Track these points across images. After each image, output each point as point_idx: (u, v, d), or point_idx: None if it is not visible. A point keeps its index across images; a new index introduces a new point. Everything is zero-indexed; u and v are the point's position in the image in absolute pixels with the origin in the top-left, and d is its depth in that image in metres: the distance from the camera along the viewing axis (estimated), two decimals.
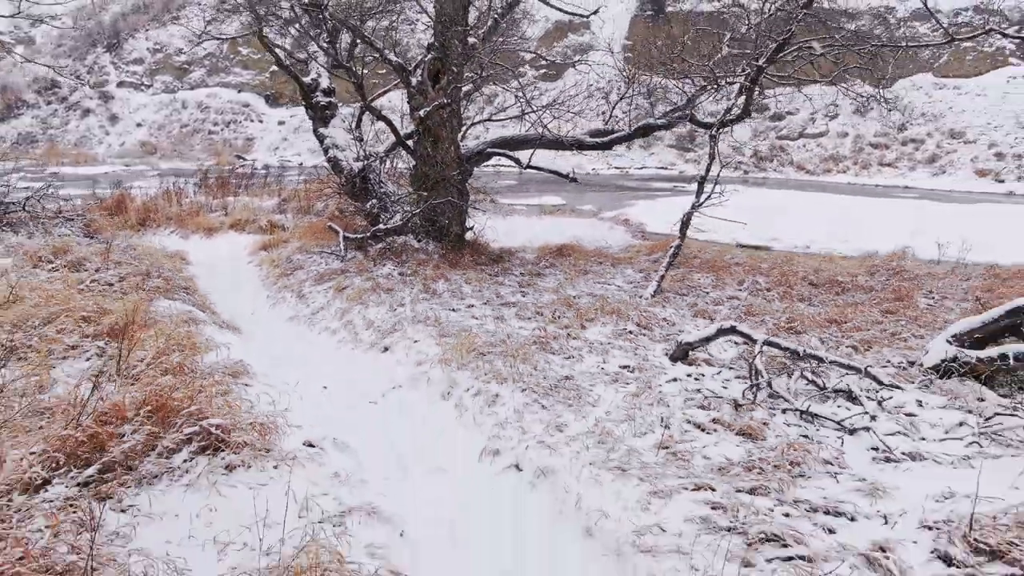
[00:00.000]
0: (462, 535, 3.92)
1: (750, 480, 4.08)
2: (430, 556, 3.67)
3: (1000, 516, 3.51)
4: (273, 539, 3.53)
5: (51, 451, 3.98)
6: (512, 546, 3.79)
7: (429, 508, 4.14)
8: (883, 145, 39.25)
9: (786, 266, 10.25)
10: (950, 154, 36.78)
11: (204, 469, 4.22)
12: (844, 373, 5.60)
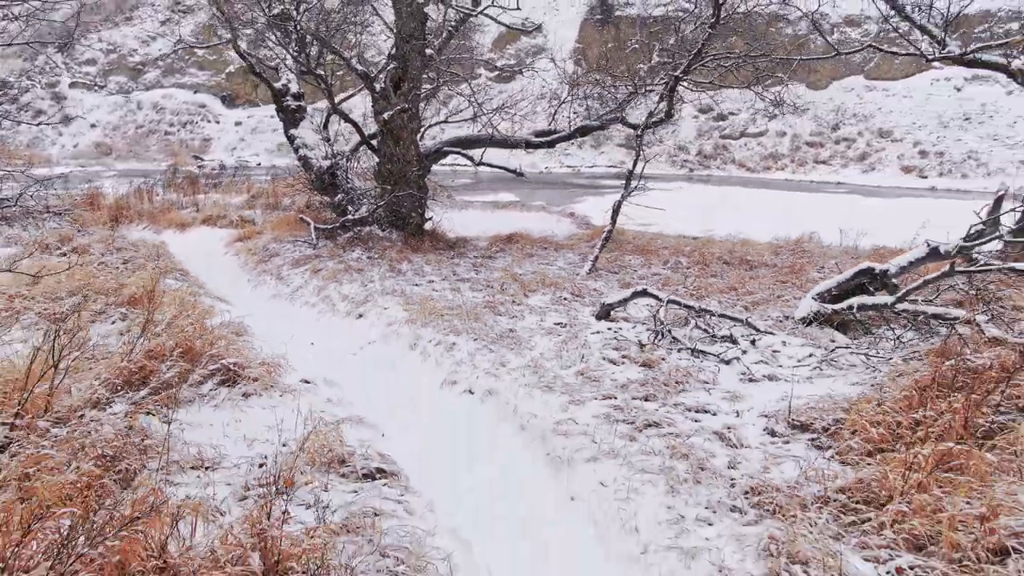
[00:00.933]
0: (430, 433, 5.24)
1: (643, 392, 5.49)
2: (404, 446, 4.96)
3: (809, 406, 4.97)
4: (287, 437, 4.79)
5: (112, 378, 5.19)
6: (467, 438, 5.12)
7: (403, 419, 5.44)
8: (818, 144, 41.58)
9: (706, 249, 11.76)
10: (879, 152, 39.21)
11: (226, 395, 5.47)
12: (731, 324, 7.05)
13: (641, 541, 3.75)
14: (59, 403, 4.79)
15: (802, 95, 44.24)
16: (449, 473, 4.66)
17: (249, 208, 17.47)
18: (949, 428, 4.07)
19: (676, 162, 43.37)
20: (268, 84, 12.80)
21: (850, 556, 3.30)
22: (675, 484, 4.13)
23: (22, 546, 2.80)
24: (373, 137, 12.45)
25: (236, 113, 47.81)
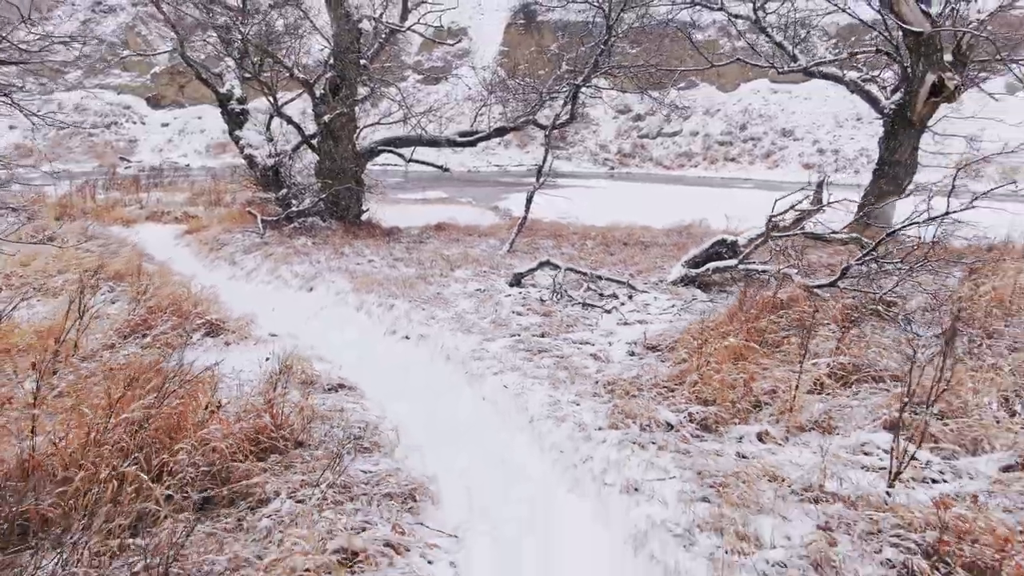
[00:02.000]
0: (377, 366, 6.79)
1: (540, 331, 7.17)
2: (358, 374, 6.49)
3: (659, 334, 6.73)
4: (266, 369, 6.26)
5: (121, 329, 6.56)
6: (405, 367, 6.71)
7: (355, 358, 6.97)
8: (728, 143, 44.51)
9: (610, 233, 13.59)
10: (782, 150, 42.33)
11: (212, 343, 6.91)
12: (616, 286, 8.81)
13: (529, 415, 5.41)
14: (84, 346, 6.15)
15: (712, 97, 47.21)
16: (393, 389, 6.22)
17: (192, 205, 18.51)
18: (748, 335, 5.88)
19: (598, 160, 45.66)
20: (214, 90, 14.03)
21: (662, 411, 5.03)
22: (556, 383, 5.81)
23: (113, 415, 4.23)
24: (313, 137, 13.83)
25: (162, 114, 47.78)
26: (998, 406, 4.62)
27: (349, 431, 5.01)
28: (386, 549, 3.66)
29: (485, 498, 4.42)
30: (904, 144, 11.11)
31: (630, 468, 4.40)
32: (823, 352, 5.58)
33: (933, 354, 4.91)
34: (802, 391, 4.99)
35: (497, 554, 3.87)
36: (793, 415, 4.76)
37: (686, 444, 4.62)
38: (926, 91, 10.39)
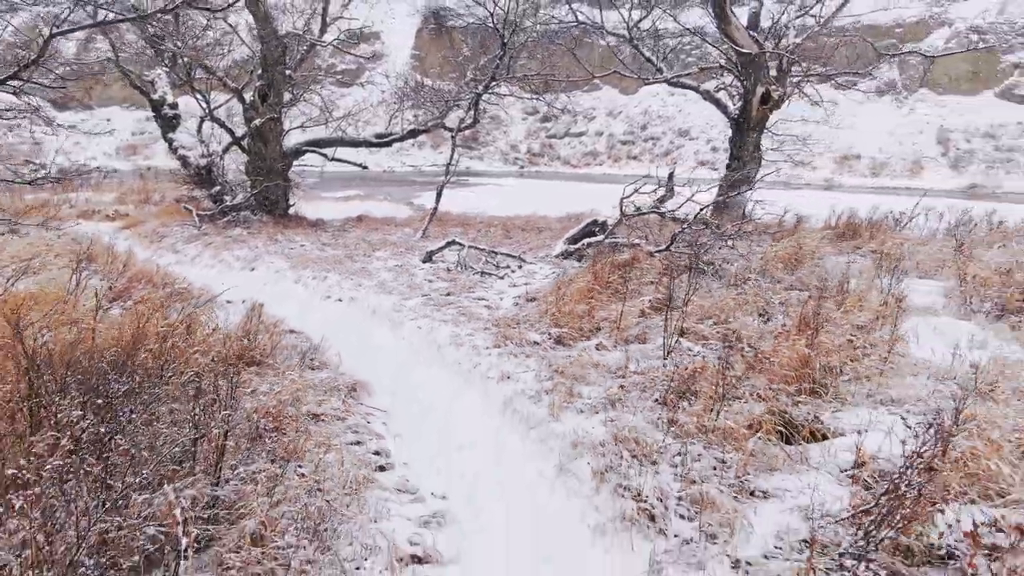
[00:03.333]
0: (318, 320, 8.56)
1: (446, 291, 9.12)
2: (300, 324, 8.25)
3: (538, 290, 8.78)
4: (231, 325, 7.95)
5: (106, 295, 8.13)
6: (339, 320, 8.52)
7: (298, 315, 8.72)
8: (630, 142, 47.58)
9: (511, 222, 15.64)
10: (680, 148, 45.64)
11: (183, 306, 8.54)
12: (510, 259, 10.81)
13: (437, 344, 7.34)
14: (80, 307, 7.71)
15: (615, 99, 50.19)
16: (332, 333, 8.00)
17: (122, 204, 19.57)
18: (597, 283, 7.97)
19: (508, 160, 47.95)
20: (147, 96, 15.34)
21: (531, 335, 7.05)
22: (458, 323, 7.76)
23: (137, 345, 5.90)
24: (243, 138, 15.33)
25: (68, 116, 47.19)
26: (755, 318, 6.84)
27: (304, 353, 6.83)
28: (338, 413, 5.53)
29: (405, 391, 6.34)
30: (747, 142, 13.55)
31: (505, 367, 6.39)
32: (647, 292, 7.73)
33: (697, 284, 7.11)
34: (629, 317, 7.09)
35: (414, 416, 5.79)
36: (621, 332, 6.85)
37: (545, 352, 6.65)
38: (757, 100, 12.82)
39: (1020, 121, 40.75)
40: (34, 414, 3.57)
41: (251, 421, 4.47)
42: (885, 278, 7.83)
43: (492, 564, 3.92)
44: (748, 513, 3.83)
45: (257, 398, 5.19)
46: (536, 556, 3.98)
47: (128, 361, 4.31)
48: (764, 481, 4.14)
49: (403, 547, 3.89)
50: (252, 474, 3.91)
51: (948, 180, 38.55)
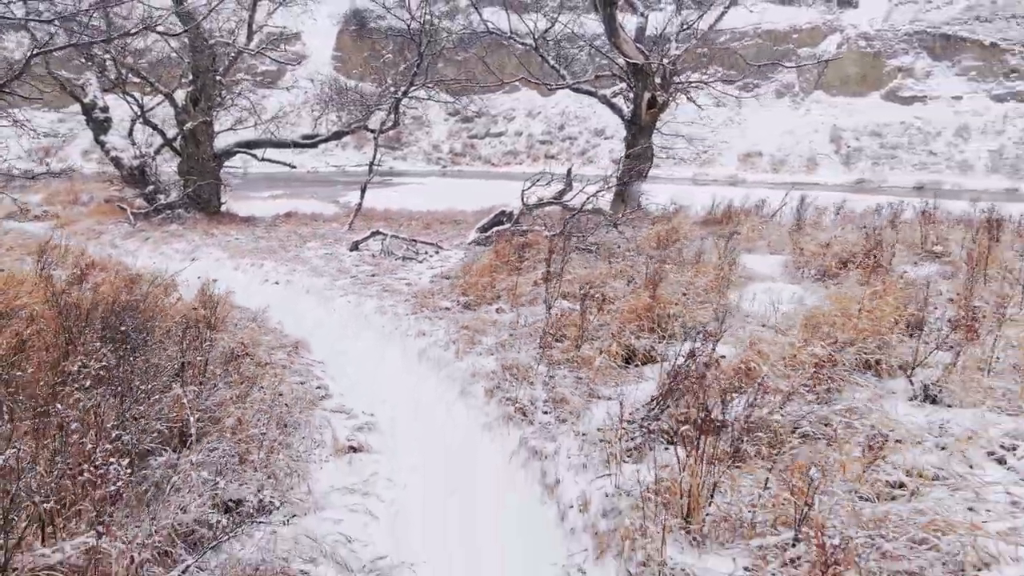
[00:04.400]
0: (256, 299, 9.78)
1: (372, 273, 10.46)
2: (243, 302, 9.46)
3: (452, 269, 10.22)
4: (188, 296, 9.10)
5: (73, 272, 9.17)
6: (277, 299, 9.76)
7: (240, 294, 9.91)
8: (548, 142, 49.52)
9: (430, 215, 17.01)
10: (596, 148, 47.84)
11: (144, 285, 9.62)
12: (430, 247, 12.21)
13: (364, 314, 8.69)
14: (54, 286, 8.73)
15: (534, 100, 52.06)
16: (272, 309, 9.26)
17: (50, 204, 20.03)
18: (500, 260, 9.46)
19: (431, 159, 49.22)
20: (79, 101, 16.06)
21: (441, 302, 8.48)
22: (382, 297, 9.13)
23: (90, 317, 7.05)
24: (174, 140, 16.22)
25: None
26: (623, 283, 8.45)
27: (253, 318, 8.09)
28: (285, 363, 6.84)
29: (339, 349, 7.69)
30: (639, 142, 15.27)
31: (421, 327, 7.81)
32: (540, 268, 9.26)
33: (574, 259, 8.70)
34: (524, 287, 8.60)
35: (347, 365, 7.16)
36: (516, 298, 8.34)
37: (454, 315, 8.09)
38: (645, 104, 14.55)
39: (903, 121, 44.40)
40: (67, 344, 4.79)
41: (225, 351, 5.77)
42: (737, 252, 9.59)
43: (409, 453, 5.34)
44: (591, 407, 5.36)
45: (224, 342, 6.48)
46: (442, 446, 5.42)
47: (127, 310, 5.54)
48: (608, 389, 5.68)
49: (343, 442, 5.27)
50: (228, 385, 5.23)
51: (840, 175, 41.74)
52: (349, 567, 3.78)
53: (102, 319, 5.16)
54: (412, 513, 4.50)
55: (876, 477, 3.97)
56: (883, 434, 4.31)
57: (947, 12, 47.18)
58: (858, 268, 8.71)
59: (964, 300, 6.74)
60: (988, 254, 8.80)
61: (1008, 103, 43.27)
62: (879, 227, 11.19)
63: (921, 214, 11.36)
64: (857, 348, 5.76)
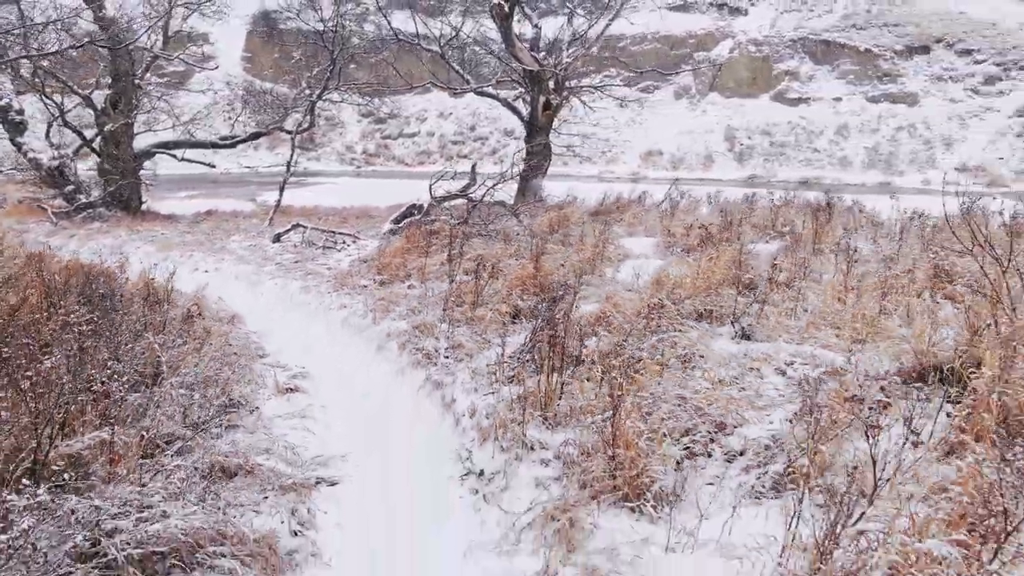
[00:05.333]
0: (187, 285, 10.75)
1: (295, 260, 11.57)
2: (176, 283, 10.41)
3: (370, 254, 11.45)
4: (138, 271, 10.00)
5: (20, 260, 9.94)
6: (208, 284, 10.75)
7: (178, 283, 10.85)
8: (460, 141, 50.89)
9: (347, 211, 18.10)
10: (505, 147, 49.38)
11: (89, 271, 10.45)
12: (348, 237, 13.36)
13: (291, 295, 9.83)
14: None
15: (445, 101, 53.32)
16: (206, 291, 10.26)
17: None
18: (411, 245, 10.75)
19: (345, 160, 49.79)
20: None
21: (360, 280, 9.71)
22: (306, 280, 10.28)
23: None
24: (93, 140, 16.76)
25: None
26: (515, 259, 9.86)
27: (192, 296, 9.12)
28: (224, 331, 7.95)
29: (270, 322, 8.82)
30: (538, 141, 16.79)
31: (342, 301, 9.03)
32: (446, 251, 10.60)
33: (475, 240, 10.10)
34: (431, 266, 9.92)
35: (278, 334, 8.32)
36: (425, 275, 9.65)
37: (371, 291, 9.33)
38: (541, 106, 16.08)
39: (790, 120, 47.79)
40: (49, 307, 5.82)
41: (181, 313, 6.88)
42: (617, 235, 11.18)
43: (336, 394, 6.59)
44: (483, 351, 6.73)
45: (176, 309, 7.56)
46: (363, 387, 6.71)
47: (98, 278, 6.58)
48: (497, 339, 7.04)
49: (282, 385, 6.48)
50: (184, 341, 6.36)
51: (734, 172, 44.62)
52: (294, 461, 5.02)
53: (79, 288, 6.20)
54: (340, 430, 5.76)
55: (688, 384, 5.47)
56: (698, 354, 5.87)
57: (827, 20, 51.02)
58: (713, 245, 10.42)
59: (789, 266, 8.47)
60: (818, 232, 10.69)
61: (882, 104, 47.19)
62: (740, 212, 13.07)
63: (773, 202, 13.29)
64: (693, 301, 7.35)
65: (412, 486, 4.83)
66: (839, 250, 9.59)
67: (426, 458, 5.23)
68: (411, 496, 4.68)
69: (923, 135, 44.69)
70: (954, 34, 48.71)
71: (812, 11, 51.73)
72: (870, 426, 3.35)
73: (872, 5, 51.56)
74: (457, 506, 4.49)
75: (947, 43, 48.51)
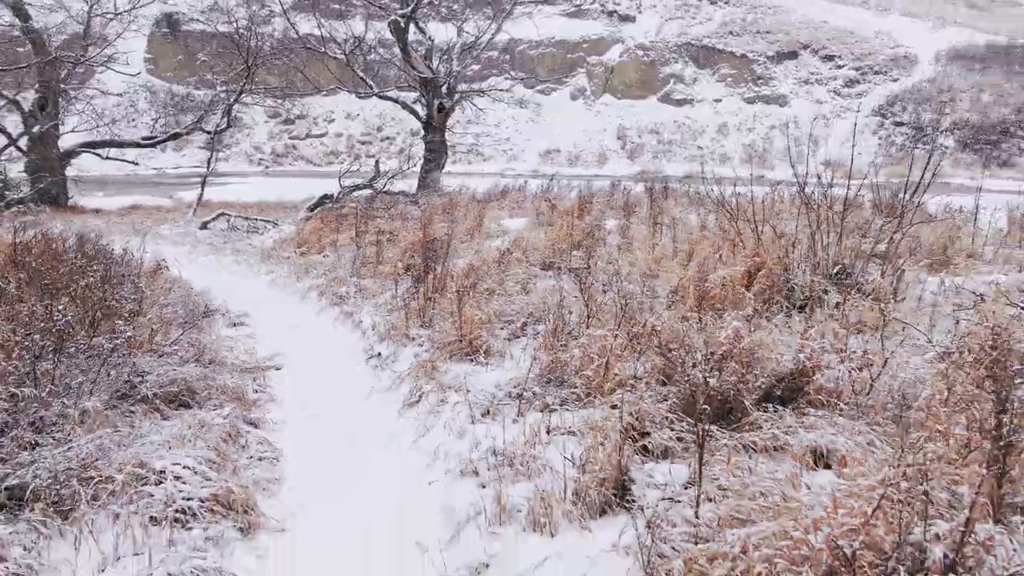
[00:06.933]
0: None
1: (223, 241, 13.56)
2: None
3: (289, 235, 13.56)
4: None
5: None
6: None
7: None
8: (368, 142, 52.61)
9: (264, 204, 19.98)
10: (413, 147, 51.37)
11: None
12: (269, 223, 15.37)
13: (224, 267, 11.88)
14: None
15: (352, 102, 54.86)
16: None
17: None
18: (325, 225, 12.93)
19: (253, 161, 50.74)
20: None
21: (283, 253, 11.85)
22: (236, 256, 12.33)
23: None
24: (18, 139, 18.08)
25: None
26: (412, 233, 12.22)
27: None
28: (183, 283, 9.98)
29: (212, 285, 10.87)
30: (435, 139, 19.13)
31: (270, 268, 11.16)
32: (353, 229, 12.85)
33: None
34: (342, 241, 12.14)
35: (218, 292, 10.40)
36: (337, 248, 11.87)
37: (293, 260, 11.49)
38: (435, 109, 18.44)
39: (676, 120, 51.76)
40: (53, 260, 7.80)
41: (149, 268, 8.92)
42: (498, 216, 13.67)
43: (273, 326, 8.76)
44: (383, 294, 9.05)
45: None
46: (293, 321, 8.92)
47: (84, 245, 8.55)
48: (393, 286, 9.39)
49: (231, 320, 8.62)
50: (152, 291, 8.44)
51: (626, 168, 48.07)
52: (250, 356, 7.23)
53: (77, 248, 8.19)
54: (278, 345, 7.98)
55: (521, 299, 7.93)
56: (532, 285, 8.39)
57: (707, 27, 55.40)
58: (568, 220, 13.06)
59: (620, 232, 11.14)
60: (657, 209, 13.48)
61: (757, 105, 51.75)
62: (602, 197, 15.83)
63: (626, 189, 16.11)
64: (541, 255, 9.90)
65: (333, 367, 7.14)
66: (665, 223, 12.39)
67: (342, 353, 7.55)
68: (332, 371, 7.00)
69: (793, 133, 49.33)
70: (818, 41, 53.84)
71: (694, 19, 56.03)
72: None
73: (747, 14, 56.28)
74: (363, 372, 6.85)
75: (813, 49, 53.57)
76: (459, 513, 4.01)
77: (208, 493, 4.16)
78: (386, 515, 4.25)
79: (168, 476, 4.22)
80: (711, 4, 56.68)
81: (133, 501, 3.97)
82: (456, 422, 5.06)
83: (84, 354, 5.47)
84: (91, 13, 18.64)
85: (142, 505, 3.95)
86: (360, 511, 4.33)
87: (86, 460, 4.21)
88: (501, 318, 7.04)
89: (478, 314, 6.71)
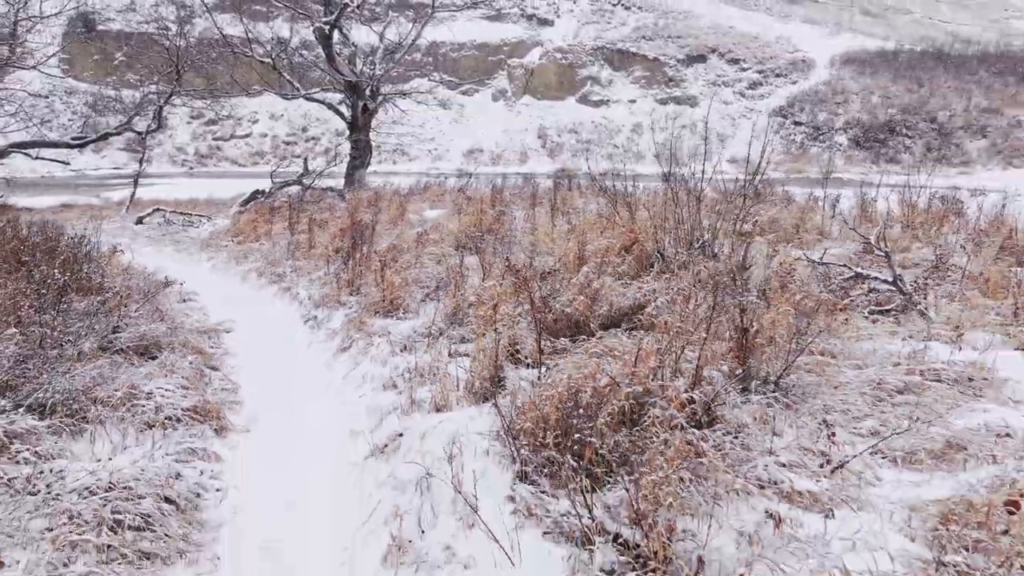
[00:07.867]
0: None
1: (162, 234, 14.55)
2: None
3: (226, 226, 14.66)
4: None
5: None
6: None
7: None
8: (293, 142, 53.10)
9: (195, 201, 20.82)
10: (338, 147, 52.11)
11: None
12: (203, 218, 16.37)
13: (167, 255, 12.93)
14: None
15: (276, 103, 55.13)
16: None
17: None
18: (259, 217, 14.10)
19: (176, 162, 50.58)
20: None
21: (221, 242, 13.00)
22: (177, 246, 13.38)
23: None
24: None
25: None
26: (346, 217, 13.53)
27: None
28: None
29: (158, 271, 11.96)
30: (360, 138, 20.37)
31: (209, 255, 12.29)
32: (287, 220, 14.06)
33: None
34: (276, 230, 13.34)
35: (170, 276, 11.52)
36: (271, 237, 13.07)
37: (231, 248, 12.64)
38: (360, 110, 19.70)
39: (593, 120, 54.01)
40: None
41: (107, 251, 10.02)
42: (421, 208, 15.09)
43: (218, 302, 9.98)
44: (315, 272, 10.36)
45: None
46: (235, 297, 10.15)
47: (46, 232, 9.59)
48: (325, 266, 10.71)
49: (181, 298, 9.81)
50: (112, 270, 9.56)
51: (546, 165, 49.99)
52: (203, 323, 8.48)
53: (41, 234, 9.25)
54: (226, 315, 9.22)
55: (433, 271, 9.40)
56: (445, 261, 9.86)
57: (622, 31, 57.93)
58: (481, 209, 14.58)
59: (526, 219, 12.71)
60: (560, 199, 15.11)
61: (669, 106, 54.46)
62: (514, 190, 17.42)
63: (536, 183, 17.77)
64: (455, 239, 11.39)
65: (276, 329, 8.47)
66: (566, 211, 14.02)
67: (283, 319, 8.88)
68: (276, 332, 8.33)
69: (702, 132, 52.21)
70: (725, 45, 56.99)
71: (609, 23, 58.50)
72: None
73: (659, 19, 59.08)
74: (302, 331, 8.21)
75: (720, 53, 56.67)
76: (382, 410, 5.47)
77: (188, 404, 5.50)
78: (326, 418, 5.68)
79: (155, 395, 5.53)
80: (625, 9, 59.28)
81: (131, 411, 5.26)
82: (380, 356, 6.51)
83: (73, 312, 6.68)
84: (17, 16, 19.14)
85: (138, 412, 5.25)
86: (306, 419, 5.75)
87: (89, 384, 5.48)
88: (418, 284, 8.49)
89: (398, 279, 8.15)
